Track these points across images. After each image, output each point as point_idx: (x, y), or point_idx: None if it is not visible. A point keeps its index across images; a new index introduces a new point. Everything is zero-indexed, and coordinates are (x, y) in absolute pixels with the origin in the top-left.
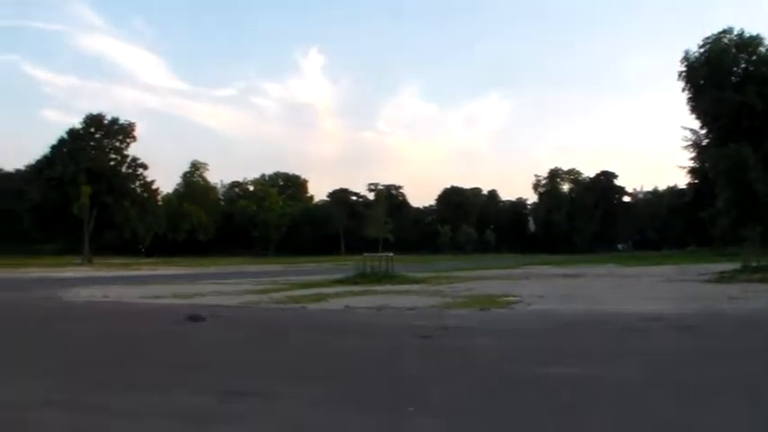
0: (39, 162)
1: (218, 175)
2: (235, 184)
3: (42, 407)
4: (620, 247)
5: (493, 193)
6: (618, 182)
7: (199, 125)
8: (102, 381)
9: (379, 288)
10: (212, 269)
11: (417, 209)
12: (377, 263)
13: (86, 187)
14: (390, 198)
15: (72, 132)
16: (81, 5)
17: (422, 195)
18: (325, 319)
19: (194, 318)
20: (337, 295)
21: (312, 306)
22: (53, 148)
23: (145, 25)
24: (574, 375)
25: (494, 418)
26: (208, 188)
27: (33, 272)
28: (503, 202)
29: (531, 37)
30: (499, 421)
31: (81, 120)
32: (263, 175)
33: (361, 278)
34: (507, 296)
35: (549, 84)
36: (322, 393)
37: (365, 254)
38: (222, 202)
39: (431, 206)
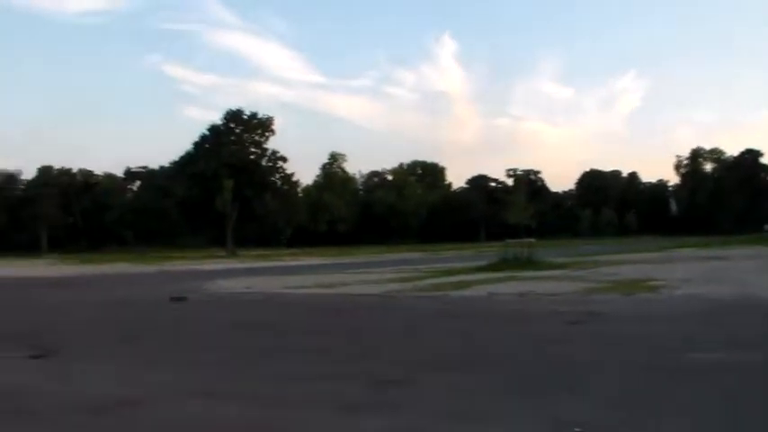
0: (182, 159)
1: (357, 166)
2: (373, 174)
3: (188, 398)
4: (766, 228)
5: (633, 176)
6: (764, 160)
7: (335, 116)
8: (253, 371)
9: (521, 274)
10: (353, 259)
11: (556, 193)
12: (518, 249)
13: (228, 181)
14: (529, 183)
15: (213, 128)
16: (215, 4)
17: (560, 179)
18: (468, 306)
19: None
20: (480, 282)
21: (455, 293)
22: (195, 144)
23: (277, 19)
24: (741, 362)
25: (668, 411)
26: (347, 179)
27: (179, 265)
28: (643, 184)
29: (670, 11)
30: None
31: (221, 116)
32: (400, 165)
33: (504, 264)
34: (652, 280)
35: (688, 60)
36: (478, 380)
37: (507, 240)
38: (361, 192)
39: (570, 190)
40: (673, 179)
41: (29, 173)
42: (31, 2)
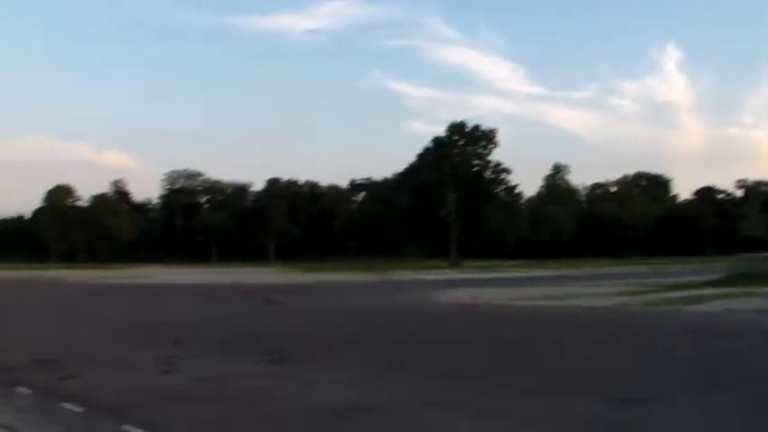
0: (406, 170)
1: (579, 177)
2: (596, 186)
3: (422, 408)
4: None
5: None
6: None
7: (557, 128)
8: (486, 382)
9: (758, 290)
10: (577, 271)
11: None
12: (753, 263)
13: (451, 193)
14: (762, 195)
15: (437, 141)
16: (435, 20)
17: None
18: (705, 322)
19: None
20: (713, 297)
21: (688, 308)
22: (419, 156)
23: (497, 33)
24: None
25: None
26: (570, 190)
27: (403, 275)
28: None
29: None
30: None
31: (444, 129)
32: (624, 176)
33: (737, 279)
34: None
35: None
36: (728, 401)
37: (740, 254)
38: (584, 204)
39: None
40: None
41: (258, 184)
42: (265, 22)
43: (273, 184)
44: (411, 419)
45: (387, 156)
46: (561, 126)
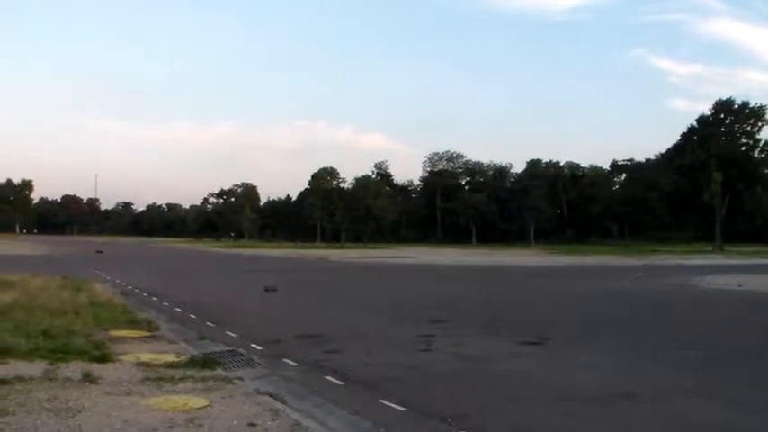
0: (668, 151)
1: None
2: None
3: (689, 396)
4: None
5: None
6: None
7: None
8: (744, 376)
9: None
10: None
11: None
12: None
13: (717, 174)
14: None
15: (701, 120)
16: None
17: None
18: None
19: None
20: None
21: None
22: (682, 136)
23: (765, 2)
24: None
25: None
26: None
27: (664, 259)
28: None
29: None
30: None
31: (708, 107)
32: None
33: None
34: None
35: None
36: None
37: None
38: None
39: None
40: None
41: (518, 166)
42: (525, 1)
43: (534, 165)
44: (666, 407)
45: (649, 136)
46: None
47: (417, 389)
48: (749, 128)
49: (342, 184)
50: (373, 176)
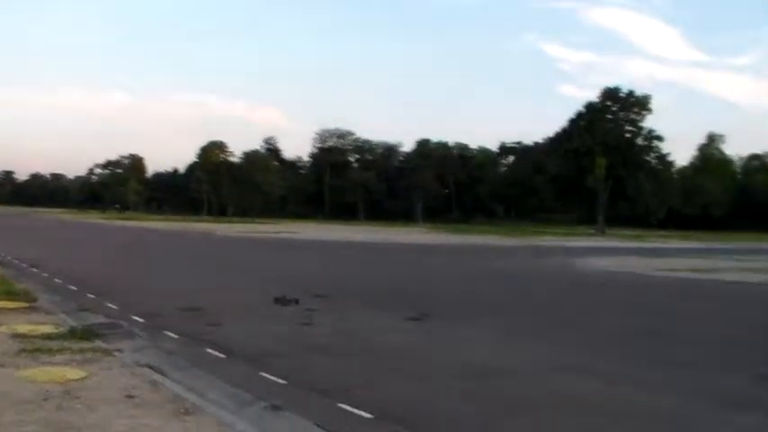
0: (557, 135)
1: (736, 148)
2: (753, 157)
3: (568, 372)
4: None
5: None
6: None
7: (713, 95)
8: (617, 351)
9: None
10: (728, 245)
11: None
12: None
13: (601, 159)
14: None
15: (588, 106)
16: None
17: None
18: None
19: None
20: None
21: None
22: (571, 121)
23: None
24: None
25: None
26: (724, 161)
27: (547, 240)
28: None
29: None
30: None
31: (596, 94)
32: None
33: None
34: None
35: None
36: None
37: None
38: (739, 176)
39: None
40: None
41: (408, 146)
42: None
43: (423, 145)
44: (542, 383)
45: (538, 120)
46: (719, 94)
47: (299, 362)
48: (634, 116)
49: (231, 159)
50: (262, 151)
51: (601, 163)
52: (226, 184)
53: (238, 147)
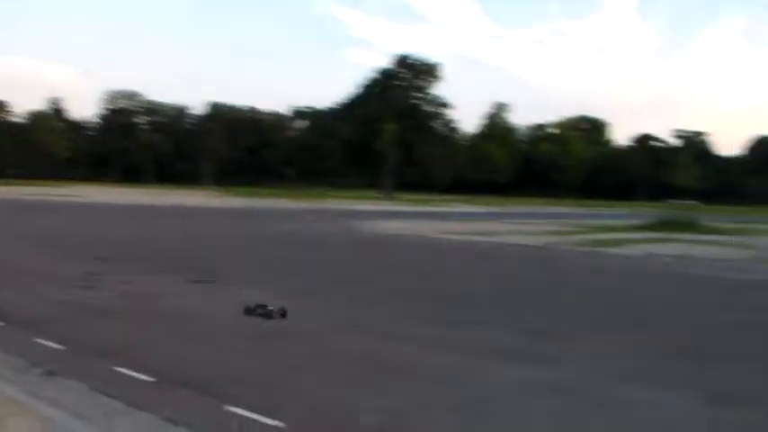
0: (350, 100)
1: (521, 118)
2: (537, 127)
3: (345, 331)
4: None
5: None
6: None
7: (502, 67)
8: (391, 310)
9: (681, 236)
10: (510, 209)
11: (724, 158)
12: (680, 211)
13: (390, 125)
14: (695, 145)
15: (381, 72)
16: None
17: (730, 144)
18: (624, 265)
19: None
20: (637, 241)
21: (610, 250)
22: (365, 87)
23: None
24: None
25: None
26: (509, 130)
27: (335, 204)
28: None
29: None
30: None
31: (388, 60)
32: (566, 119)
33: (663, 225)
34: None
35: None
36: (625, 340)
37: (669, 200)
38: (523, 145)
39: (740, 156)
40: None
41: (198, 108)
42: None
43: (214, 108)
44: (322, 341)
45: (331, 85)
46: (507, 65)
47: (77, 326)
48: (423, 83)
49: (13, 119)
50: (47, 111)
51: (390, 128)
52: (7, 144)
53: (27, 107)
